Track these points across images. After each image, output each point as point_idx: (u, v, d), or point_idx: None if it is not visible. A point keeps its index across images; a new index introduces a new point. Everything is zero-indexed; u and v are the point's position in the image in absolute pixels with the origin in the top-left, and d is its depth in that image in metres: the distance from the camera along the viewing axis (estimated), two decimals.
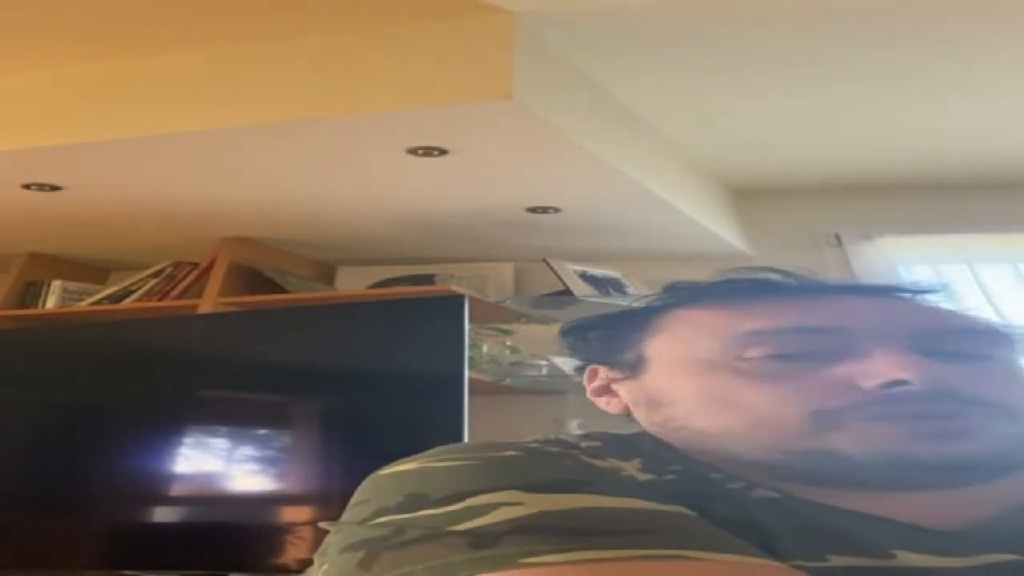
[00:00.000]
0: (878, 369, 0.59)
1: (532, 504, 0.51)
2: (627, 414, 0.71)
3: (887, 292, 0.67)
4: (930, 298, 0.68)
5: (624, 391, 0.71)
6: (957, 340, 0.63)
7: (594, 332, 0.75)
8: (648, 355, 0.69)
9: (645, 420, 0.68)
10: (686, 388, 0.65)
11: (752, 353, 0.63)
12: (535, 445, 0.60)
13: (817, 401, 0.60)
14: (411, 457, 0.59)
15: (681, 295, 0.71)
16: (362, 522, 0.55)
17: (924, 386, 0.58)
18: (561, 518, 0.51)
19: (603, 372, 0.73)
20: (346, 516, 0.58)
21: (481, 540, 0.50)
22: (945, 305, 0.67)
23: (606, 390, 0.73)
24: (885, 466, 0.57)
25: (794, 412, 0.60)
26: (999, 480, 0.59)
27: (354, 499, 0.59)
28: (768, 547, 0.53)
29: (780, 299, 0.66)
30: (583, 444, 0.63)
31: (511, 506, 0.51)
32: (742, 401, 0.62)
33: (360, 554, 0.53)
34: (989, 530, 0.57)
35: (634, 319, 0.72)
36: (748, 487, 0.59)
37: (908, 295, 0.68)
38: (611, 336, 0.73)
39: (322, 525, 0.59)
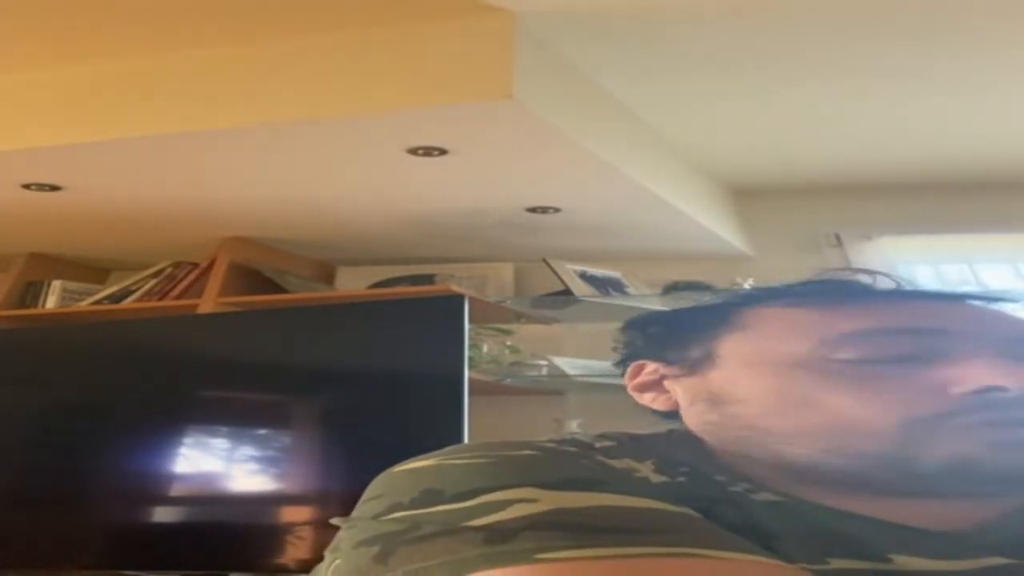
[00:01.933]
0: (977, 373, 0.59)
1: (547, 501, 0.52)
2: (673, 411, 0.69)
3: (972, 297, 0.66)
4: (1006, 305, 0.67)
5: (680, 388, 0.69)
6: None
7: (655, 327, 0.73)
8: (721, 352, 0.67)
9: (697, 418, 0.67)
10: (762, 387, 0.63)
11: (843, 355, 0.61)
12: (551, 445, 0.60)
13: (909, 408, 0.59)
14: (425, 455, 0.59)
15: (762, 293, 0.69)
16: (375, 517, 0.55)
17: (1019, 392, 0.58)
18: (576, 515, 0.51)
19: (652, 367, 0.71)
20: (358, 511, 0.58)
21: (496, 535, 0.50)
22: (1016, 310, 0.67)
23: (654, 386, 0.71)
24: (955, 476, 0.57)
25: (883, 416, 0.59)
26: None
27: (366, 495, 0.59)
28: (771, 549, 0.53)
29: (871, 301, 0.65)
30: (598, 444, 0.63)
31: (526, 503, 0.52)
32: (826, 403, 0.60)
33: (376, 548, 0.53)
34: (986, 533, 0.57)
35: (708, 315, 0.70)
36: (752, 490, 0.59)
37: (986, 301, 0.67)
38: (676, 331, 0.71)
39: (333, 521, 0.59)
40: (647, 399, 0.71)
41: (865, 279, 0.68)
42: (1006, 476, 0.56)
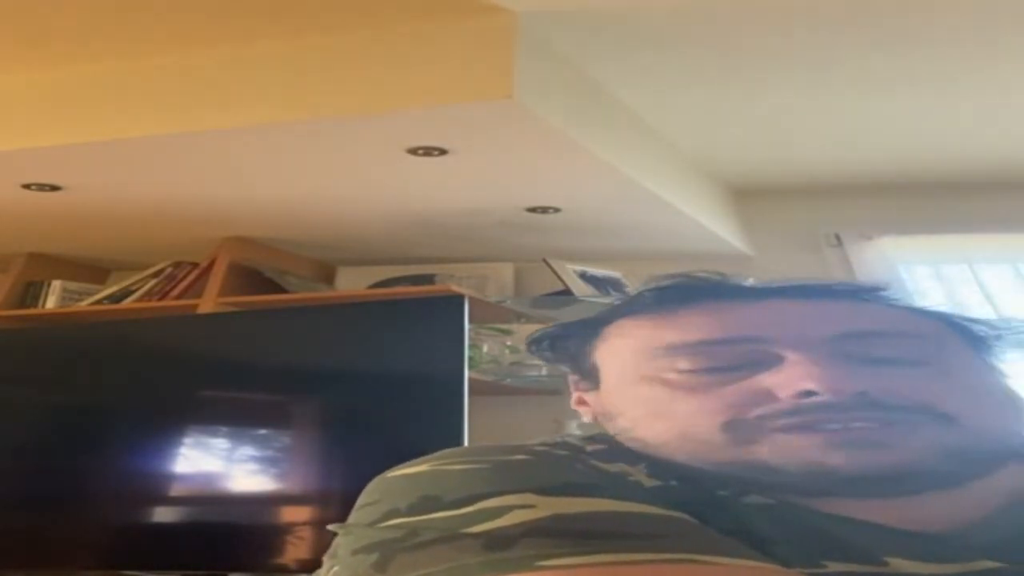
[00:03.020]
0: (790, 379, 0.59)
1: (545, 507, 0.52)
2: (599, 423, 0.71)
3: (820, 293, 0.67)
4: (873, 298, 0.67)
5: (591, 401, 0.71)
6: (888, 343, 0.62)
7: (560, 341, 0.75)
8: (599, 366, 0.70)
9: (611, 430, 0.68)
10: (629, 400, 0.66)
11: (682, 365, 0.63)
12: (542, 448, 0.60)
13: (729, 412, 0.60)
14: (419, 459, 0.59)
15: (625, 304, 0.71)
16: (372, 524, 0.55)
17: (833, 396, 0.58)
18: (574, 521, 0.51)
19: (573, 379, 0.73)
20: (354, 518, 0.58)
21: (496, 542, 0.50)
22: (889, 306, 0.67)
23: (581, 400, 0.73)
24: (807, 476, 0.57)
25: (708, 424, 0.60)
26: (950, 489, 0.59)
27: (361, 501, 0.59)
28: (767, 553, 0.53)
29: (705, 307, 0.66)
30: (589, 448, 0.63)
31: (524, 509, 0.52)
32: (671, 412, 0.62)
33: (374, 556, 0.53)
34: (977, 535, 0.57)
35: (587, 328, 0.72)
36: (739, 494, 0.59)
37: (845, 296, 0.67)
38: (570, 346, 0.73)
39: (331, 527, 0.59)
40: (582, 412, 0.73)
41: (699, 282, 0.69)
42: (853, 478, 0.57)
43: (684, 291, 0.68)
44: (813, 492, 0.58)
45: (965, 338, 0.66)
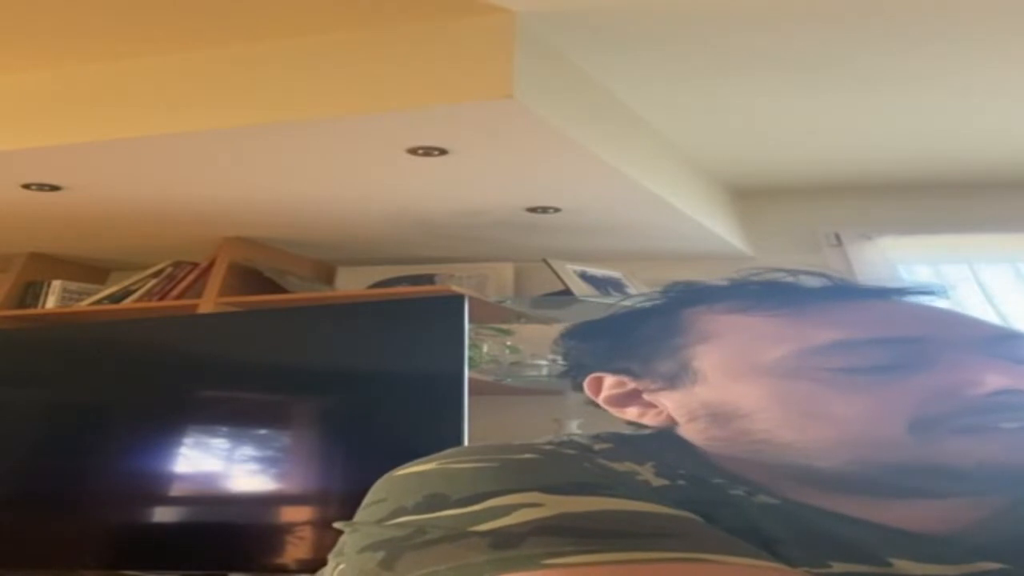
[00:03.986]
0: (983, 377, 0.59)
1: (552, 506, 0.52)
2: (668, 425, 0.68)
3: (930, 292, 0.67)
4: (927, 299, 0.67)
5: (670, 403, 0.67)
6: (1017, 346, 0.63)
7: (601, 338, 0.73)
8: (699, 365, 0.66)
9: (701, 434, 0.65)
10: (763, 400, 0.62)
11: (836, 363, 0.61)
12: (550, 447, 0.60)
13: (915, 410, 0.59)
14: (427, 458, 0.59)
15: (705, 293, 0.69)
16: (379, 522, 0.55)
17: (1020, 396, 0.58)
18: (581, 519, 0.51)
19: (614, 380, 0.70)
20: (361, 516, 0.58)
21: (503, 541, 0.50)
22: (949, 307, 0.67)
23: (631, 400, 0.70)
24: (989, 477, 0.57)
25: (892, 424, 0.59)
26: None
27: (368, 499, 0.59)
28: (773, 553, 0.54)
29: (840, 305, 0.65)
30: (596, 447, 0.63)
31: (531, 507, 0.52)
32: (835, 413, 0.60)
33: (381, 554, 0.53)
34: (978, 536, 0.57)
35: (658, 322, 0.70)
36: (750, 493, 0.59)
37: (923, 296, 0.67)
38: (624, 341, 0.71)
39: (337, 525, 0.59)
40: (631, 413, 0.70)
41: (799, 280, 0.68)
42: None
43: (794, 288, 0.66)
44: (910, 492, 0.58)
45: None
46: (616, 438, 0.65)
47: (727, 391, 0.64)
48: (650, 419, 0.68)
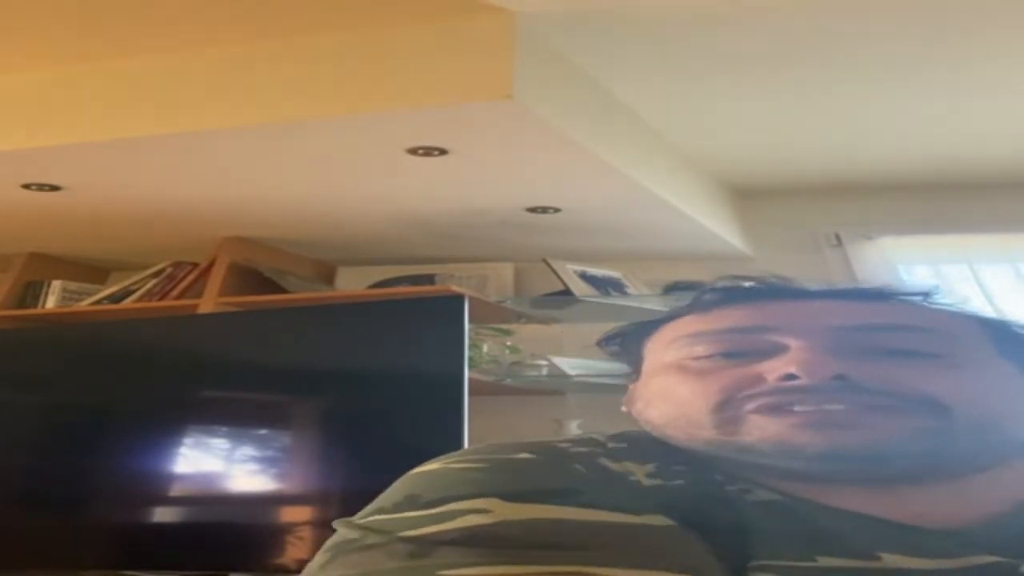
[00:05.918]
0: (781, 363, 0.61)
1: (499, 513, 0.52)
2: (629, 412, 0.73)
3: (854, 294, 0.68)
4: (906, 298, 0.67)
5: (630, 391, 0.74)
6: (902, 337, 0.63)
7: (627, 339, 0.77)
8: (644, 358, 0.73)
9: (634, 416, 0.71)
10: (650, 387, 0.69)
11: (698, 351, 0.66)
12: (555, 447, 0.61)
13: (721, 395, 0.62)
14: (440, 457, 0.60)
15: (688, 306, 0.73)
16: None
17: (811, 379, 0.59)
18: (515, 529, 0.52)
19: (628, 376, 0.76)
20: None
21: (420, 549, 0.51)
22: (919, 305, 0.67)
23: (626, 391, 0.76)
24: (779, 455, 0.59)
25: (702, 404, 0.62)
26: (931, 481, 0.59)
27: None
28: (758, 548, 0.54)
29: (743, 304, 0.68)
30: (610, 445, 0.64)
31: (478, 514, 0.52)
32: (672, 394, 0.65)
33: (327, 556, 0.54)
34: (976, 530, 0.57)
35: (647, 326, 0.74)
36: (747, 489, 0.59)
37: (878, 297, 0.67)
38: (630, 342, 0.76)
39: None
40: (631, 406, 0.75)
41: (748, 283, 0.71)
42: (817, 455, 0.58)
43: (735, 291, 0.70)
44: (788, 475, 0.59)
45: (998, 338, 0.66)
46: (634, 437, 0.66)
47: (643, 380, 0.71)
48: (632, 409, 0.73)
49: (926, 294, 0.68)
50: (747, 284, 0.70)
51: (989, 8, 2.03)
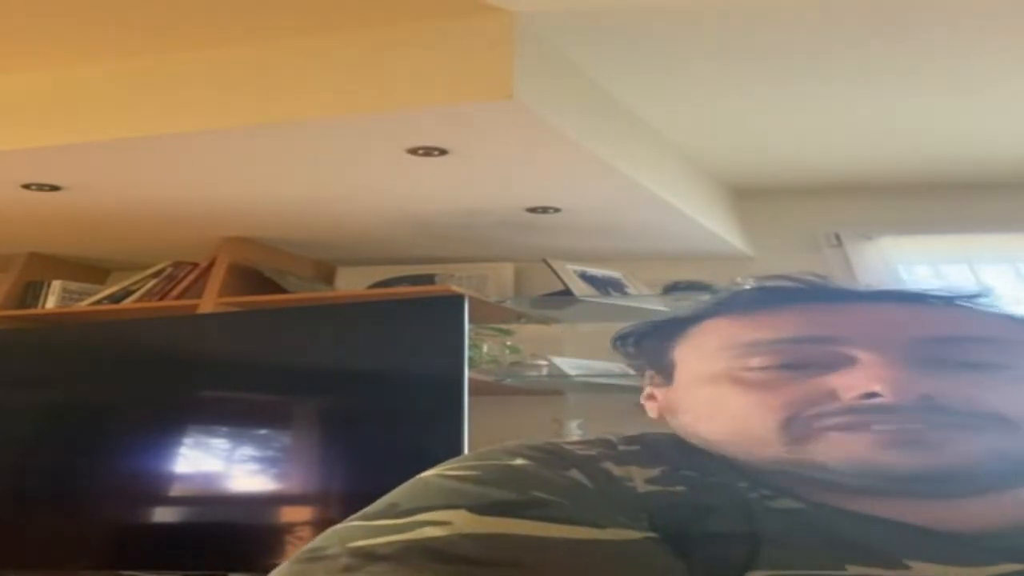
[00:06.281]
0: (857, 380, 0.59)
1: (459, 526, 0.52)
2: (660, 420, 0.71)
3: (913, 298, 0.66)
4: (966, 303, 0.66)
5: (661, 396, 0.71)
6: (972, 348, 0.62)
7: (645, 338, 0.75)
8: (676, 363, 0.70)
9: (673, 426, 0.69)
10: (697, 397, 0.66)
11: (755, 363, 0.63)
12: (569, 447, 0.61)
13: (788, 410, 0.60)
14: (443, 463, 0.60)
15: (717, 304, 0.71)
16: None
17: (895, 399, 0.58)
18: (468, 542, 0.51)
19: (649, 375, 0.74)
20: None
21: (354, 563, 0.50)
22: (982, 311, 0.66)
23: (651, 395, 0.73)
24: (856, 474, 0.58)
25: (767, 420, 0.60)
26: (991, 493, 0.59)
27: None
28: (772, 556, 0.53)
29: (793, 308, 0.66)
30: (621, 447, 0.63)
31: (438, 526, 0.52)
32: (730, 409, 0.62)
33: (296, 567, 0.53)
34: (1001, 538, 0.57)
35: (673, 325, 0.72)
36: (771, 496, 0.59)
37: (938, 301, 0.66)
38: (652, 342, 0.73)
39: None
40: (647, 407, 0.73)
41: (789, 284, 0.68)
42: (899, 476, 0.57)
43: (778, 292, 0.67)
44: (862, 491, 0.58)
45: None
46: (647, 440, 0.66)
47: (682, 388, 0.68)
48: (652, 412, 0.72)
49: (983, 296, 0.67)
50: (788, 284, 0.68)
51: (990, 8, 2.03)
